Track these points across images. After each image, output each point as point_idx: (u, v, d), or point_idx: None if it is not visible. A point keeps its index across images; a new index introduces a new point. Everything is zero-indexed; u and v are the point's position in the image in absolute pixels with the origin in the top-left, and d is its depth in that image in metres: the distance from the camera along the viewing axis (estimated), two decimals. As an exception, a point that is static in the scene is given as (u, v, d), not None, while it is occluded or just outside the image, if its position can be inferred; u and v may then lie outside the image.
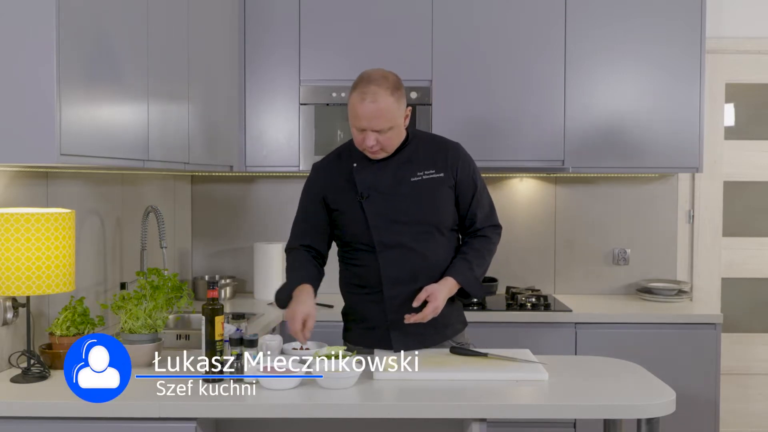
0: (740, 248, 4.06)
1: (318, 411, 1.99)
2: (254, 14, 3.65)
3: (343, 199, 2.47)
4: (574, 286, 3.99)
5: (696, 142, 3.61)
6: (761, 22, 3.96)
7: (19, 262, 2.09)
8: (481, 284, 2.50)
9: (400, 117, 2.37)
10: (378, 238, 2.43)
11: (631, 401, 2.05)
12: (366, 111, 2.31)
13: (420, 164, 2.45)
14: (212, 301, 2.15)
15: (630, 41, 3.61)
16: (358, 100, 2.33)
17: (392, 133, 2.36)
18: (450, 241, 2.51)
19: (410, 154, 2.46)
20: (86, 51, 2.16)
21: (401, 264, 2.43)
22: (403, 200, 2.43)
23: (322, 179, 2.53)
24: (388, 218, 2.42)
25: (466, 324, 2.61)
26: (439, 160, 2.47)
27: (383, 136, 2.35)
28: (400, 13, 3.62)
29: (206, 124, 3.19)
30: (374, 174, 2.45)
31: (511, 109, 3.61)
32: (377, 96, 2.30)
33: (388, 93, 2.32)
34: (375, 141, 2.35)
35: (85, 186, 2.82)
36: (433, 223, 2.44)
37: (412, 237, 2.43)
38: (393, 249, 2.43)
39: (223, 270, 4.04)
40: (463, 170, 2.48)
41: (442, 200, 2.45)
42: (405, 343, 2.42)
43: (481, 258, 2.48)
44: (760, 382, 4.06)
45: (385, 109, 2.31)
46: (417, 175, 2.44)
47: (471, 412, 2.00)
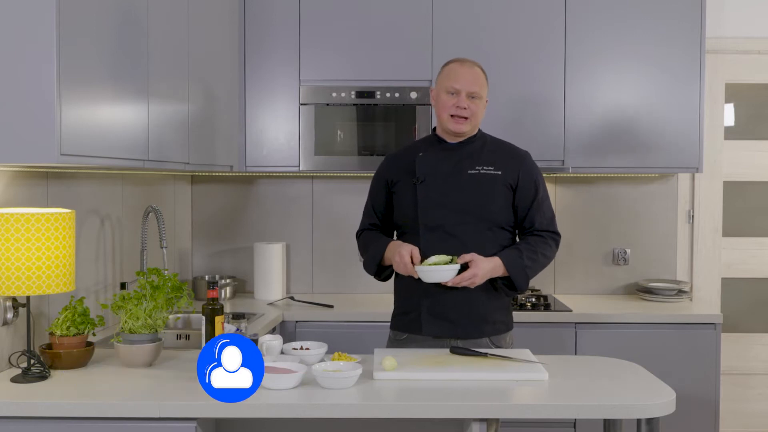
0: (740, 248, 4.06)
1: (318, 411, 1.99)
2: (254, 14, 3.65)
3: (403, 181, 2.59)
4: (574, 286, 3.99)
5: (696, 142, 3.61)
6: (761, 22, 3.96)
7: (19, 262, 2.09)
8: (528, 276, 2.50)
9: (486, 97, 2.58)
10: (423, 219, 2.52)
11: (631, 401, 2.06)
12: (466, 72, 2.52)
13: (481, 160, 2.55)
14: (212, 301, 2.16)
15: (630, 41, 3.61)
16: (458, 65, 2.55)
17: (480, 104, 2.54)
18: (498, 239, 2.54)
19: (475, 149, 2.57)
20: (86, 51, 2.16)
21: (440, 247, 2.47)
22: (456, 188, 2.51)
23: (390, 166, 2.67)
24: (437, 202, 2.51)
25: (510, 327, 2.61)
26: (503, 160, 2.56)
27: (473, 104, 2.51)
28: (400, 14, 3.62)
29: (206, 124, 3.19)
30: (435, 161, 2.56)
31: (511, 109, 3.61)
32: (475, 66, 2.56)
33: (481, 70, 2.58)
34: (467, 105, 2.50)
35: (85, 186, 2.82)
36: (480, 215, 2.50)
37: (456, 224, 2.50)
38: (435, 231, 2.51)
39: (223, 270, 4.04)
40: (525, 175, 2.56)
41: (495, 196, 2.52)
42: (436, 329, 2.48)
43: (533, 252, 2.51)
44: (760, 382, 4.06)
45: (481, 77, 2.55)
46: (476, 169, 2.53)
47: (471, 412, 2.00)
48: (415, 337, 2.55)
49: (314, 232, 3.99)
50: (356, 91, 3.62)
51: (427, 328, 2.50)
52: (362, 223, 2.74)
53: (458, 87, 2.50)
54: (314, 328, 3.38)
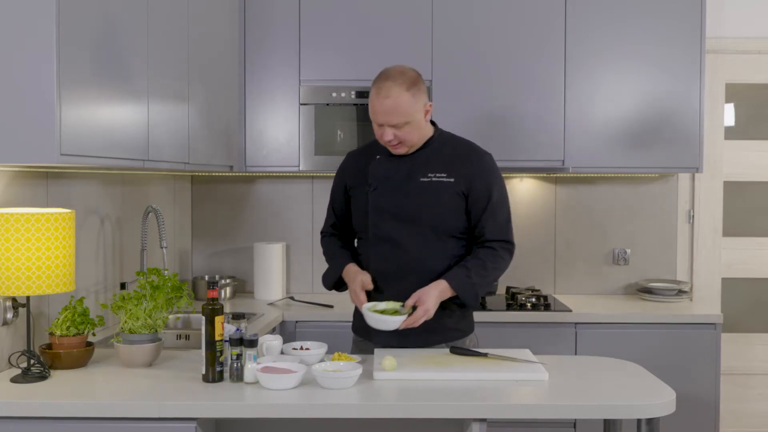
0: (740, 248, 4.06)
1: (318, 411, 1.99)
2: (254, 14, 3.65)
3: (358, 187, 2.53)
4: (574, 286, 3.99)
5: (696, 142, 3.61)
6: (761, 22, 3.96)
7: (19, 262, 2.09)
8: (477, 293, 2.41)
9: (418, 112, 2.39)
10: (373, 229, 2.48)
11: (631, 401, 2.05)
12: (381, 106, 2.35)
13: (435, 166, 2.45)
14: (212, 301, 2.15)
15: (630, 41, 3.61)
16: (375, 95, 2.37)
17: (409, 128, 2.39)
18: (449, 248, 2.47)
19: (430, 155, 2.47)
20: (86, 51, 2.16)
21: (389, 258, 2.45)
22: (406, 198, 2.44)
23: (348, 168, 2.62)
24: (387, 212, 2.46)
25: (468, 332, 2.56)
26: (456, 166, 2.45)
27: (400, 131, 2.38)
28: (400, 13, 3.63)
29: (206, 124, 3.19)
30: (389, 168, 2.49)
31: (511, 109, 3.61)
32: (391, 92, 2.34)
33: (403, 89, 2.34)
34: (392, 136, 2.39)
35: (85, 186, 2.82)
36: (430, 225, 2.44)
37: (405, 234, 2.44)
38: (384, 242, 2.46)
39: (223, 270, 4.04)
40: (478, 180, 2.44)
41: (446, 205, 2.43)
42: (384, 340, 2.45)
43: (482, 268, 2.41)
44: (760, 382, 4.06)
45: (399, 105, 2.34)
46: (427, 176, 2.44)
47: (471, 412, 2.00)
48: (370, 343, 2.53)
49: (314, 232, 3.98)
50: (356, 91, 3.62)
51: (378, 339, 2.47)
52: (325, 222, 2.70)
53: (379, 121, 2.38)
54: (314, 328, 3.38)
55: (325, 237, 2.70)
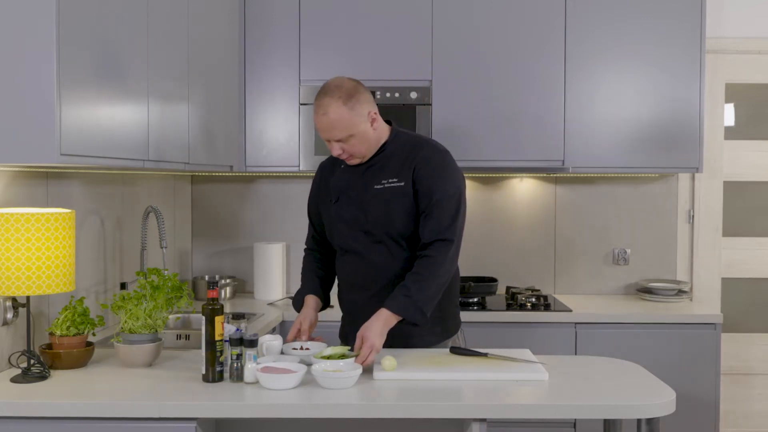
0: (740, 248, 4.06)
1: (318, 411, 1.99)
2: (254, 14, 3.65)
3: (324, 201, 2.54)
4: (574, 286, 3.99)
5: (696, 142, 3.61)
6: (761, 22, 3.96)
7: (19, 262, 2.09)
8: (422, 309, 2.29)
9: (360, 123, 2.35)
10: (338, 241, 2.50)
11: (631, 401, 2.05)
12: (320, 123, 2.34)
13: (387, 172, 2.42)
14: (212, 301, 2.15)
15: (630, 41, 3.61)
16: (315, 112, 2.36)
17: (355, 140, 2.36)
18: (412, 256, 2.41)
19: (384, 161, 2.44)
20: (86, 51, 2.16)
21: (354, 270, 2.47)
22: (364, 207, 2.43)
23: (318, 178, 2.61)
24: (348, 223, 2.46)
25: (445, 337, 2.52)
26: (402, 166, 2.41)
27: (347, 144, 2.36)
28: (400, 13, 3.62)
29: (206, 124, 3.19)
30: (348, 179, 2.48)
31: (511, 110, 3.61)
32: (328, 108, 2.32)
33: (339, 103, 2.31)
34: (341, 149, 2.38)
35: (85, 186, 2.82)
36: (386, 232, 2.41)
37: (365, 244, 2.44)
38: (348, 254, 2.48)
39: (223, 270, 4.04)
40: (421, 177, 2.38)
41: (398, 210, 2.39)
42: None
43: (421, 281, 2.30)
44: (760, 382, 4.06)
45: (337, 120, 2.31)
46: (381, 183, 2.41)
47: (471, 412, 2.00)
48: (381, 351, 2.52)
49: (314, 232, 3.98)
50: (356, 91, 3.62)
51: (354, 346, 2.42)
52: (307, 235, 2.69)
53: (323, 137, 2.38)
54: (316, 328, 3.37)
55: (305, 254, 2.69)
